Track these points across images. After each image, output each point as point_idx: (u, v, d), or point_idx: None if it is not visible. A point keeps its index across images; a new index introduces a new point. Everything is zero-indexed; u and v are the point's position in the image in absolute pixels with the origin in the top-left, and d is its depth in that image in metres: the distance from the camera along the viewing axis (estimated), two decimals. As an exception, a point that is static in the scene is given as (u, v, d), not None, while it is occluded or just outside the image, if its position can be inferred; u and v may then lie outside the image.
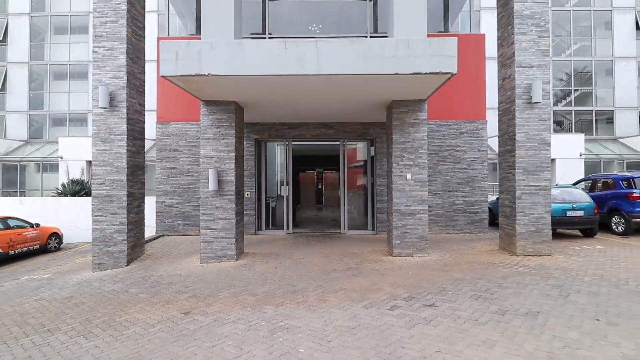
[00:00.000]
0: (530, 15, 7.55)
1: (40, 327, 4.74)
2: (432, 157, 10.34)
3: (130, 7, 7.85)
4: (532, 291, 5.19)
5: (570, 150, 17.54)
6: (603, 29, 21.05)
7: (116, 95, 7.66)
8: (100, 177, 7.67)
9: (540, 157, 7.50)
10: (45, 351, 3.97)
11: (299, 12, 12.49)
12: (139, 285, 6.37)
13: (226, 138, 7.57)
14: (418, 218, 7.53)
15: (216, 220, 7.51)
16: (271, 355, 3.53)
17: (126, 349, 3.87)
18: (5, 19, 21.06)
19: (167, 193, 10.56)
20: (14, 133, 21.02)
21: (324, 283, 5.94)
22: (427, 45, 5.78)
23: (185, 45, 5.83)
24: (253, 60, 5.85)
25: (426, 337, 3.81)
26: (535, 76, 7.48)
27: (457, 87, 10.19)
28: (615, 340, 3.60)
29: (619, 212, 9.24)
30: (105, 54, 7.69)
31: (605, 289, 5.17)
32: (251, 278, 6.39)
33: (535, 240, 7.45)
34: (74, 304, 5.68)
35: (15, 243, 10.27)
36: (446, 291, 5.31)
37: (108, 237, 7.66)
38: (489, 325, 4.06)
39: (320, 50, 5.76)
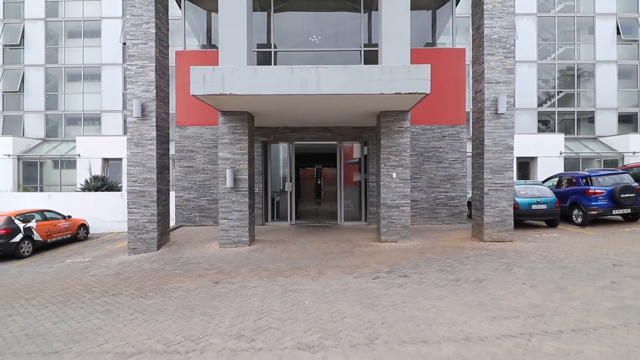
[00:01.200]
0: (497, 39, 8.92)
1: (105, 293, 6.19)
2: (418, 157, 11.77)
3: (157, 31, 9.21)
4: (485, 267, 6.64)
5: (551, 149, 18.95)
6: (587, 34, 22.37)
7: (147, 106, 9.05)
8: (134, 175, 9.08)
9: (505, 159, 8.94)
10: (117, 306, 5.42)
11: (300, 24, 13.76)
12: (172, 264, 7.82)
13: (240, 142, 8.98)
14: (402, 210, 8.98)
15: (232, 212, 8.94)
16: (285, 305, 4.99)
17: (178, 303, 5.32)
18: (22, 24, 22.30)
19: (185, 189, 11.99)
20: (32, 132, 22.36)
21: (323, 262, 7.39)
22: (406, 71, 7.17)
23: (211, 70, 7.22)
24: (265, 83, 7.25)
25: (397, 294, 5.26)
26: (501, 91, 8.88)
27: (440, 95, 11.58)
28: (531, 295, 5.05)
29: (578, 206, 10.67)
30: (137, 71, 9.06)
31: (542, 265, 6.62)
32: (263, 259, 7.84)
33: (500, 229, 8.90)
34: (123, 278, 7.13)
35: (52, 232, 11.69)
36: (419, 267, 6.76)
37: (141, 226, 9.09)
38: (444, 287, 5.51)
39: (320, 75, 7.16)
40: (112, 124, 22.04)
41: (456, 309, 4.60)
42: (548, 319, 4.16)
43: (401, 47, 8.62)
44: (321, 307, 4.84)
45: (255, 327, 4.29)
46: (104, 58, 21.97)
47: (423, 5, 13.16)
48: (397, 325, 4.16)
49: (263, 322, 4.43)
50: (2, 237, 10.08)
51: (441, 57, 11.87)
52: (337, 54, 12.45)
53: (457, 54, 11.76)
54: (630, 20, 21.61)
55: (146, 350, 3.84)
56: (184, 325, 4.45)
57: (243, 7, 8.57)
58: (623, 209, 10.10)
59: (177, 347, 3.86)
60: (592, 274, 5.87)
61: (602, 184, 10.34)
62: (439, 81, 11.54)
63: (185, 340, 4.03)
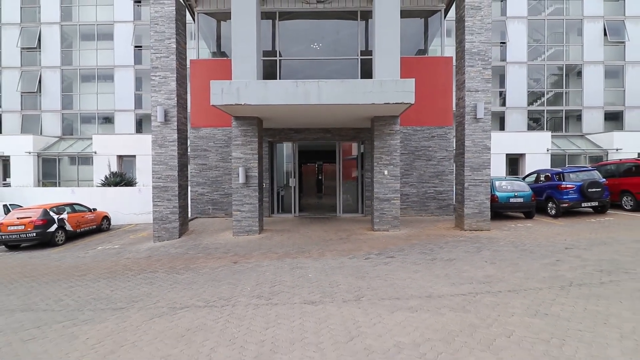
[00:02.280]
0: (477, 52, 10.13)
1: (143, 271, 7.51)
2: (409, 156, 13.03)
3: (177, 46, 10.46)
4: (459, 250, 7.93)
5: (539, 146, 20.15)
6: (576, 35, 23.45)
7: (169, 112, 10.32)
8: (158, 173, 10.38)
9: (483, 158, 10.18)
10: (157, 279, 6.74)
11: (303, 32, 14.90)
12: (194, 249, 9.15)
13: (251, 144, 10.25)
14: (392, 203, 10.26)
15: (244, 205, 10.25)
16: (293, 277, 6.29)
17: (206, 277, 6.63)
18: (38, 28, 23.50)
19: (199, 184, 13.29)
20: (49, 130, 23.66)
21: (323, 247, 8.70)
22: (394, 84, 8.41)
23: (228, 84, 8.48)
24: (274, 94, 8.51)
25: (382, 270, 6.55)
26: (479, 98, 10.10)
27: (429, 99, 12.79)
28: (488, 269, 6.32)
29: (552, 199, 11.91)
30: (160, 81, 10.32)
31: (507, 248, 7.90)
32: (272, 244, 9.15)
33: (478, 219, 10.18)
34: (154, 259, 8.47)
35: (81, 223, 13.02)
36: (403, 250, 8.06)
37: (164, 217, 10.41)
38: (421, 265, 6.81)
39: (320, 88, 8.41)
40: (124, 123, 23.33)
41: (427, 278, 5.89)
42: (494, 284, 5.45)
43: (392, 61, 9.84)
44: (321, 278, 6.15)
45: (271, 291, 5.60)
46: (116, 60, 23.20)
47: (416, 14, 14.27)
48: (379, 289, 5.46)
49: (276, 288, 5.74)
50: (40, 227, 11.41)
51: (430, 65, 13.08)
52: (336, 60, 13.67)
53: (445, 62, 12.95)
54: (616, 22, 22.66)
55: (191, 305, 5.16)
56: (215, 291, 5.77)
57: (253, 26, 9.79)
58: (591, 202, 11.34)
59: (213, 303, 5.17)
60: (544, 254, 7.15)
61: (573, 180, 11.58)
62: (428, 86, 12.78)
63: (219, 299, 5.34)
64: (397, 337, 3.78)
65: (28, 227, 11.30)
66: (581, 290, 4.96)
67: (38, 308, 5.58)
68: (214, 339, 3.97)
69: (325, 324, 4.22)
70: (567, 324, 3.89)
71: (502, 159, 20.35)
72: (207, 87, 11.74)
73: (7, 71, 23.69)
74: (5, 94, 23.77)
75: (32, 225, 11.31)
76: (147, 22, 23.21)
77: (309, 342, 3.78)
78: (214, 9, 13.41)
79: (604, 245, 7.66)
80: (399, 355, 3.40)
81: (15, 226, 11.32)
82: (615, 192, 12.13)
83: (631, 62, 22.69)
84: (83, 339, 4.24)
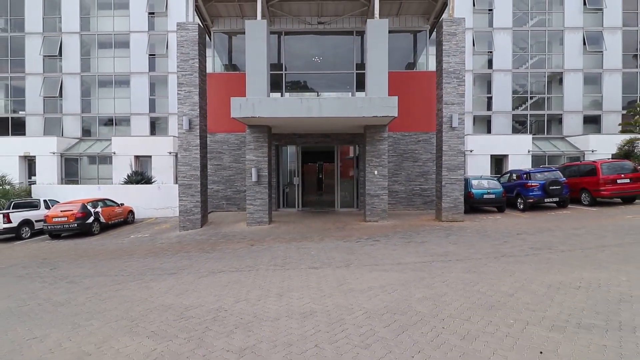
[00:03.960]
0: (453, 71, 12.00)
1: (179, 251, 9.42)
2: (398, 158, 14.92)
3: (199, 65, 12.33)
4: (432, 235, 9.82)
5: (521, 148, 22.01)
6: (558, 44, 25.26)
7: (193, 121, 12.21)
8: (184, 172, 12.27)
9: (457, 161, 12.06)
10: (192, 257, 8.64)
11: (305, 46, 16.74)
12: (216, 236, 11.06)
13: (262, 148, 12.14)
14: (381, 199, 12.15)
15: (256, 200, 12.14)
16: (299, 253, 8.19)
17: (231, 255, 8.54)
18: (59, 37, 25.36)
19: (215, 182, 15.19)
20: (69, 132, 25.54)
21: (323, 234, 10.60)
22: (381, 101, 10.30)
23: (245, 100, 10.37)
24: (282, 108, 10.40)
25: (368, 249, 8.44)
26: (454, 110, 11.97)
27: (416, 109, 14.66)
28: (449, 248, 8.20)
29: (520, 195, 13.79)
30: (185, 95, 12.21)
31: (470, 235, 9.78)
32: (280, 232, 11.06)
33: (454, 212, 12.06)
34: (185, 244, 10.38)
35: (111, 216, 14.92)
36: (387, 235, 9.96)
37: (189, 210, 12.31)
38: (399, 245, 8.70)
39: (321, 103, 10.30)
40: (140, 126, 25.22)
41: (401, 253, 7.80)
42: (448, 256, 7.34)
43: (381, 79, 11.70)
44: (320, 254, 8.05)
45: (283, 262, 7.50)
46: (132, 67, 25.06)
47: (407, 29, 16.04)
48: (363, 260, 7.36)
49: (287, 260, 7.65)
50: (80, 219, 13.31)
51: (417, 79, 14.97)
52: (335, 73, 15.56)
53: (429, 76, 14.79)
54: (595, 33, 24.46)
55: (225, 270, 7.06)
56: (241, 262, 7.68)
57: (263, 49, 11.66)
58: (552, 198, 13.22)
59: (242, 269, 7.07)
60: (497, 238, 9.04)
61: (538, 179, 13.47)
62: (414, 97, 14.66)
63: (245, 267, 7.25)
64: (370, 284, 5.67)
65: (70, 218, 13.19)
66: (508, 259, 6.86)
67: (110, 274, 7.49)
68: (247, 287, 5.87)
69: (323, 279, 6.12)
70: (485, 276, 5.78)
71: (487, 160, 22.21)
72: (222, 97, 13.76)
73: (30, 77, 25.56)
74: (29, 98, 25.64)
75: (74, 217, 13.21)
76: (160, 32, 25.09)
77: (312, 287, 5.68)
78: (227, 29, 15.30)
79: (548, 231, 9.55)
80: (370, 291, 5.29)
81: (59, 218, 13.21)
82: (576, 189, 13.98)
83: (608, 70, 24.50)
84: (156, 289, 6.14)
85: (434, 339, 3.60)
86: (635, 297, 4.44)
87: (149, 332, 4.17)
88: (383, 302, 4.75)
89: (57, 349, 3.89)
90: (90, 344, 3.95)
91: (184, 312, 4.80)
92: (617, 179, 12.84)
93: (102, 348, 3.85)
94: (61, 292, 6.28)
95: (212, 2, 13.92)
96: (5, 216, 13.28)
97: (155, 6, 24.97)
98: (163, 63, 25.26)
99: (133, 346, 3.83)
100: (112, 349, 3.81)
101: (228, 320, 4.38)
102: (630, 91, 24.71)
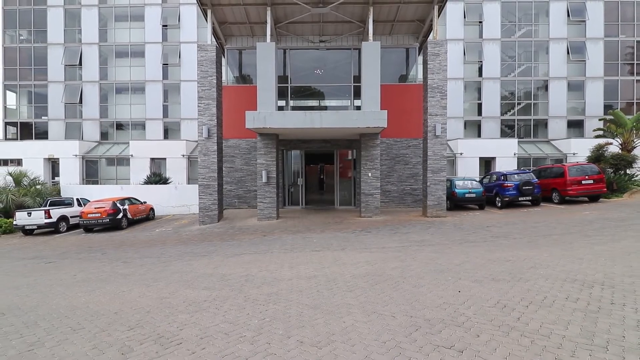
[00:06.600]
0: (436, 86, 13.82)
1: (203, 241, 11.29)
2: (391, 161, 16.76)
3: (217, 81, 14.21)
4: (416, 228, 11.65)
5: (507, 151, 23.80)
6: (544, 54, 27.04)
7: (211, 130, 14.09)
8: (203, 174, 14.15)
9: (440, 164, 13.88)
10: (215, 244, 10.51)
11: (308, 61, 18.56)
12: (232, 229, 12.93)
13: (271, 153, 14.00)
14: (374, 197, 14.00)
15: (266, 198, 14.01)
16: (304, 241, 10.05)
17: (248, 243, 10.40)
18: (80, 47, 27.33)
19: (227, 182, 17.07)
20: (88, 135, 27.51)
21: (323, 227, 12.46)
22: (373, 114, 12.15)
23: (257, 113, 12.24)
24: (289, 121, 12.27)
25: (361, 238, 10.28)
26: (438, 120, 13.79)
27: (407, 117, 16.50)
28: (426, 237, 10.02)
29: (498, 194, 15.60)
30: (205, 107, 14.08)
31: (448, 227, 11.60)
32: (287, 226, 12.92)
33: (437, 209, 13.89)
34: (206, 235, 12.25)
35: (136, 213, 16.83)
36: (378, 228, 11.81)
37: (207, 207, 14.19)
38: (386, 235, 10.53)
39: (322, 116, 12.16)
40: (154, 130, 27.16)
41: (387, 241, 9.64)
42: (423, 243, 9.18)
43: (374, 93, 13.52)
44: (321, 242, 9.91)
45: (291, 247, 9.36)
46: (147, 75, 27.01)
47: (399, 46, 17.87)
48: (356, 245, 9.20)
49: (294, 246, 9.50)
50: (111, 215, 15.20)
51: (407, 91, 16.81)
52: (334, 85, 17.41)
53: (418, 89, 16.62)
54: (578, 43, 26.23)
55: (246, 253, 8.93)
56: (257, 247, 9.55)
57: (272, 67, 13.52)
58: (525, 197, 15.02)
59: (258, 252, 8.92)
60: (468, 230, 10.87)
61: (513, 180, 15.28)
62: (406, 107, 16.50)
63: (261, 251, 9.11)
64: (358, 260, 7.52)
65: (103, 214, 15.10)
66: (469, 244, 8.70)
67: (153, 257, 9.37)
68: (265, 263, 7.73)
69: (323, 257, 7.98)
70: (445, 255, 7.62)
71: (476, 162, 24.01)
72: (235, 107, 15.65)
73: (52, 85, 27.54)
74: (51, 104, 27.62)
75: (106, 213, 15.11)
76: (173, 43, 27.02)
77: (315, 262, 7.53)
78: (239, 47, 17.17)
79: (513, 224, 11.37)
80: (357, 264, 7.13)
81: (93, 214, 15.12)
82: (548, 189, 15.78)
83: (591, 78, 26.28)
84: (195, 265, 8.01)
85: (394, 287, 5.44)
86: (544, 265, 6.27)
87: (202, 287, 6.04)
88: (366, 270, 6.60)
89: (143, 296, 5.76)
90: (164, 293, 5.83)
91: (222, 276, 6.67)
92: (582, 180, 14.64)
93: (173, 295, 5.71)
94: (122, 268, 8.17)
95: (227, 24, 15.81)
96: (47, 212, 15.21)
97: (168, 19, 26.90)
98: (176, 71, 27.19)
99: (194, 294, 5.69)
100: (180, 295, 5.67)
101: (256, 280, 6.25)
102: (611, 97, 26.48)
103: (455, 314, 4.29)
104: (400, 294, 5.14)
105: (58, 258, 10.22)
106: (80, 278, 7.45)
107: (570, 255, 6.88)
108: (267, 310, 4.77)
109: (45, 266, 9.15)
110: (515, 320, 4.00)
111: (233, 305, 5.04)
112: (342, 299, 5.05)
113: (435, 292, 5.10)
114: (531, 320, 3.99)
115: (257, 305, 4.96)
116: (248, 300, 5.19)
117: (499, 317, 4.11)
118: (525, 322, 3.95)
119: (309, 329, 4.07)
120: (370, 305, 4.72)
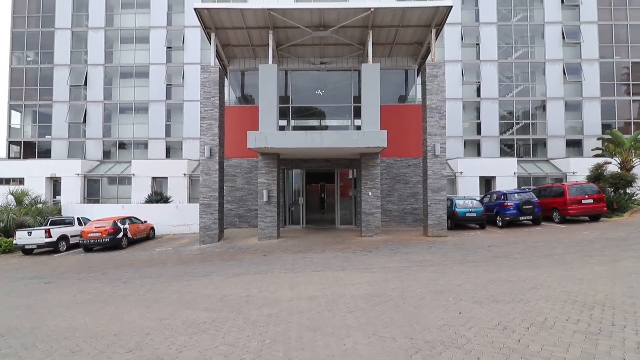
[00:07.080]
0: (435, 107, 14.03)
1: (203, 260, 11.26)
2: (391, 180, 16.85)
3: (219, 101, 14.46)
4: (417, 248, 11.62)
5: (507, 170, 23.91)
6: (541, 74, 27.51)
7: (213, 149, 14.24)
8: (204, 193, 14.22)
9: (440, 183, 13.95)
10: (215, 264, 10.47)
11: (309, 81, 18.87)
12: (232, 249, 12.91)
13: (272, 172, 14.11)
14: (375, 216, 14.01)
15: (266, 217, 14.03)
16: (304, 261, 10.02)
17: (248, 263, 10.37)
18: (85, 68, 27.90)
19: (228, 202, 17.12)
20: (91, 154, 27.73)
21: (324, 247, 12.43)
22: (373, 134, 12.31)
23: (259, 133, 12.41)
24: (290, 140, 12.43)
25: (362, 258, 10.26)
26: (437, 140, 13.94)
27: (407, 137, 16.68)
28: (426, 256, 9.98)
29: (499, 213, 15.60)
30: (207, 127, 14.28)
31: (449, 247, 11.57)
32: (288, 245, 12.90)
33: (438, 229, 13.88)
34: (206, 255, 12.22)
35: (136, 232, 16.81)
36: (379, 248, 11.78)
37: (208, 227, 14.20)
38: (387, 255, 10.50)
39: (322, 136, 12.32)
40: (156, 149, 27.40)
41: (387, 261, 9.62)
42: (424, 263, 9.15)
43: (374, 113, 13.71)
44: (322, 262, 9.89)
45: (292, 267, 9.34)
46: (151, 96, 27.45)
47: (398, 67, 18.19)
48: (357, 265, 9.17)
49: (295, 266, 9.48)
50: (112, 234, 15.19)
51: (407, 111, 17.07)
52: (335, 105, 17.69)
53: (417, 109, 16.85)
54: (574, 64, 26.71)
55: (246, 273, 8.90)
56: (257, 267, 9.52)
57: (274, 89, 13.77)
58: (525, 216, 15.02)
59: (259, 272, 8.90)
60: (469, 249, 10.84)
61: (513, 199, 15.31)
62: (405, 127, 16.70)
63: (262, 271, 9.08)
64: (359, 280, 7.50)
65: (103, 234, 15.09)
66: (469, 264, 8.68)
67: (153, 277, 9.34)
68: (266, 283, 7.70)
69: (323, 278, 7.95)
70: (446, 275, 7.59)
71: (477, 181, 24.07)
72: (236, 127, 15.87)
73: (57, 105, 27.95)
74: (55, 124, 27.97)
75: (107, 232, 15.10)
76: (177, 64, 27.58)
77: (315, 283, 7.51)
78: (242, 68, 17.55)
79: (513, 244, 11.35)
80: (358, 284, 7.10)
81: (93, 233, 15.12)
82: (548, 208, 15.79)
83: (587, 98, 26.64)
84: (195, 285, 7.98)
85: (395, 308, 5.43)
86: (544, 285, 6.25)
87: (202, 308, 6.02)
88: (366, 290, 6.58)
89: (142, 317, 5.74)
90: (164, 314, 5.80)
91: (222, 297, 6.65)
92: (582, 199, 14.67)
93: (173, 316, 5.69)
94: (121, 288, 8.14)
95: (230, 46, 16.21)
96: (47, 232, 15.21)
97: (173, 41, 27.53)
98: (179, 92, 27.64)
99: (194, 315, 5.67)
100: (180, 316, 5.65)
101: (256, 301, 6.23)
102: (608, 117, 26.77)
103: (456, 335, 4.28)
104: (400, 315, 5.13)
105: (57, 278, 10.19)
106: (80, 299, 7.42)
107: (571, 275, 6.86)
108: (267, 332, 4.75)
109: (45, 286, 9.12)
110: (516, 343, 3.99)
111: (233, 326, 5.02)
112: (343, 320, 5.04)
113: (435, 314, 5.09)
114: (532, 342, 3.98)
115: (257, 327, 4.94)
116: (248, 322, 5.17)
117: (499, 339, 4.10)
118: (526, 344, 3.94)
119: (309, 352, 4.06)
120: (371, 327, 4.70)
